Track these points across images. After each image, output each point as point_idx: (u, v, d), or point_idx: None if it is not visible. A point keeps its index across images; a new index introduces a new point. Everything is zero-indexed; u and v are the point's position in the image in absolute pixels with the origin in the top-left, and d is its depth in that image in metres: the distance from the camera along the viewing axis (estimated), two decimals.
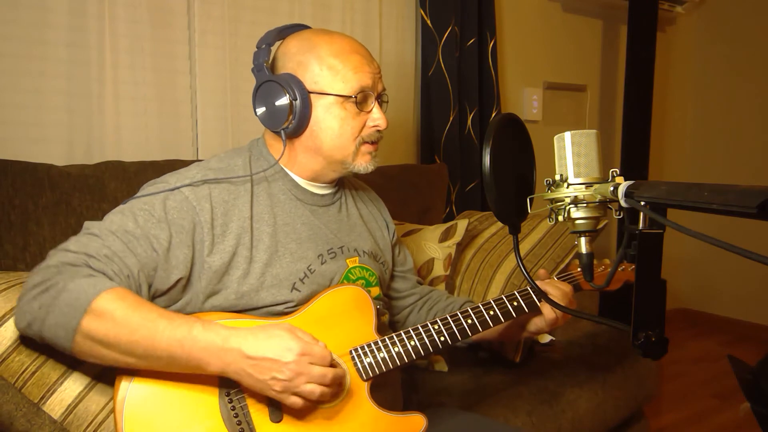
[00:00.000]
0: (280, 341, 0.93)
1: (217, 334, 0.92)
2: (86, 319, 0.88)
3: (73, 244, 0.95)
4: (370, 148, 1.15)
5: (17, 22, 1.58)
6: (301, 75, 1.10)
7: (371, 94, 1.13)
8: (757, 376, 0.57)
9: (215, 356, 0.91)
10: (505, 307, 1.17)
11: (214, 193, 1.06)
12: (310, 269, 1.12)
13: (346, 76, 1.10)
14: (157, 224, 1.00)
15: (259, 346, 0.92)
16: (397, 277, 1.38)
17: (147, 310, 0.91)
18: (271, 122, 1.12)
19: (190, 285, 1.04)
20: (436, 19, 2.28)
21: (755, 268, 3.25)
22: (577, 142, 0.75)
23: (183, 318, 0.93)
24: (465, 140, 2.40)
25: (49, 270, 0.91)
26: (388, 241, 1.33)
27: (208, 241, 1.03)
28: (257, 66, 1.13)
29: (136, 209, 1.01)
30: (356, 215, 1.27)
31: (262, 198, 1.12)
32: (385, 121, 1.14)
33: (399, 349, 1.09)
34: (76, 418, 0.98)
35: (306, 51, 1.12)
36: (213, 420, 0.96)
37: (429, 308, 1.37)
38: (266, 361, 0.91)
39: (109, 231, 0.97)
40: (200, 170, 1.09)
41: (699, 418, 2.47)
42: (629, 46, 2.89)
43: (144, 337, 0.89)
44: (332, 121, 1.11)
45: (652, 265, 0.64)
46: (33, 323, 0.90)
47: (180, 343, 0.90)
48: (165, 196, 1.03)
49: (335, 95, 1.10)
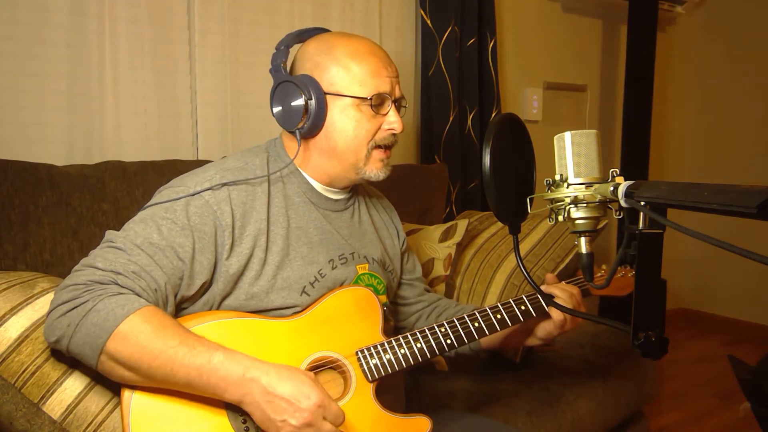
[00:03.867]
0: (300, 385, 0.91)
1: (238, 364, 0.91)
2: (112, 341, 0.89)
3: (100, 261, 0.95)
4: (382, 155, 1.14)
5: (17, 22, 1.58)
6: (318, 76, 1.10)
7: (388, 97, 1.12)
8: (757, 376, 0.57)
9: (234, 386, 0.91)
10: (513, 311, 1.17)
11: (233, 195, 1.06)
12: (321, 274, 1.12)
13: (363, 78, 1.09)
14: (181, 232, 1.00)
15: (279, 383, 0.91)
16: (404, 285, 1.37)
17: (170, 335, 0.91)
18: (286, 122, 1.12)
19: (210, 287, 1.05)
20: (436, 19, 2.28)
21: (755, 268, 3.24)
22: (577, 142, 0.75)
23: (205, 345, 0.92)
24: (465, 140, 2.40)
25: (78, 288, 0.92)
26: (397, 249, 1.33)
27: (228, 244, 1.03)
28: (275, 66, 1.13)
29: (159, 218, 1.00)
30: (368, 222, 1.26)
31: (278, 200, 1.11)
32: (401, 124, 1.13)
33: (405, 351, 1.09)
34: (76, 418, 0.98)
35: (323, 52, 1.11)
36: (218, 419, 0.96)
37: (437, 315, 1.37)
38: (283, 401, 0.90)
39: (133, 244, 0.97)
40: (218, 171, 1.08)
41: (699, 418, 2.46)
42: (629, 46, 2.88)
43: (163, 363, 0.89)
44: (347, 123, 1.10)
45: (652, 265, 0.63)
46: (62, 339, 0.91)
47: (198, 371, 0.90)
48: (186, 201, 1.03)
49: (351, 97, 1.09)
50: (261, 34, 1.96)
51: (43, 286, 1.04)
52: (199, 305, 1.05)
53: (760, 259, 0.49)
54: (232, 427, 0.96)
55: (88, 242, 1.39)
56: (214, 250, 1.03)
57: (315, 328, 1.08)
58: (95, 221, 1.43)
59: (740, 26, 3.45)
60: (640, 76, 2.88)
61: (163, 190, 1.07)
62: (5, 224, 1.32)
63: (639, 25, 2.86)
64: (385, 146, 1.14)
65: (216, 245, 1.03)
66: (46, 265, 1.34)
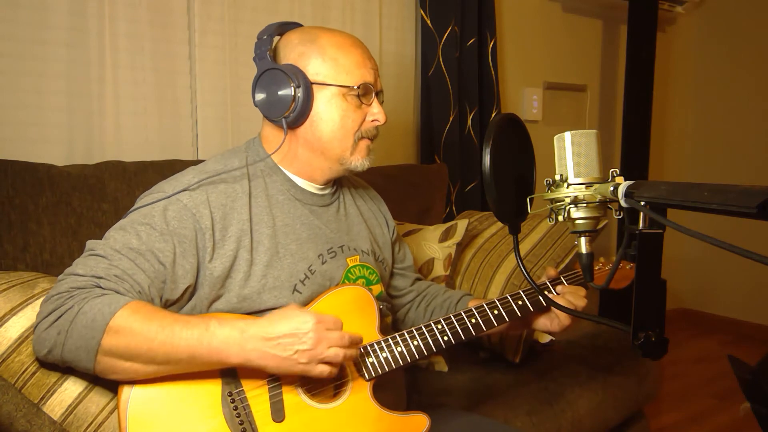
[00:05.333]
0: (294, 317, 0.95)
1: (233, 326, 0.93)
2: (106, 338, 0.89)
3: (80, 268, 0.95)
4: (367, 143, 1.15)
5: (17, 22, 1.58)
6: (303, 66, 1.10)
7: (372, 88, 1.13)
8: (757, 376, 0.57)
9: (236, 347, 0.92)
10: (510, 306, 1.17)
11: (211, 198, 1.05)
12: (311, 269, 1.11)
13: (348, 68, 1.10)
14: (160, 237, 1.00)
15: (277, 327, 0.94)
16: (396, 275, 1.37)
17: (162, 316, 0.92)
18: (271, 111, 1.10)
19: (195, 291, 1.04)
20: (436, 19, 2.28)
21: (755, 268, 3.24)
22: (577, 142, 0.75)
23: (198, 317, 0.95)
24: (465, 140, 2.40)
25: (60, 297, 0.91)
26: (388, 239, 1.33)
27: (209, 247, 1.03)
28: (259, 55, 1.12)
29: (137, 224, 1.00)
30: (355, 213, 1.26)
31: (261, 199, 1.11)
32: (384, 116, 1.14)
33: (402, 349, 1.09)
34: (76, 418, 0.98)
35: (308, 42, 1.11)
36: (216, 420, 0.96)
37: (427, 304, 1.37)
38: (286, 337, 0.93)
39: (113, 250, 0.97)
40: (196, 174, 1.08)
41: (699, 418, 2.46)
42: (629, 46, 2.89)
43: (162, 342, 0.90)
44: (333, 113, 1.10)
45: (652, 265, 0.64)
46: (53, 349, 0.90)
47: (198, 340, 0.91)
48: (164, 206, 1.02)
49: (338, 86, 1.10)
50: None
51: (43, 286, 1.04)
52: (186, 310, 1.05)
53: (760, 259, 0.49)
54: (227, 426, 0.96)
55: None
56: (195, 253, 1.02)
57: None
58: (95, 221, 1.43)
59: (740, 26, 3.45)
60: (640, 76, 2.88)
61: (143, 196, 1.07)
62: (5, 224, 1.32)
63: (639, 25, 2.86)
64: (370, 137, 1.15)
65: (197, 249, 1.02)
66: (46, 265, 1.34)
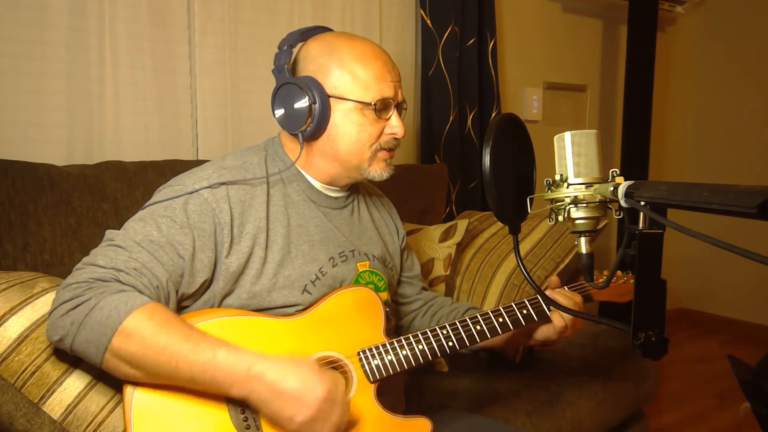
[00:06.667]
0: (307, 376, 0.91)
1: (242, 360, 0.91)
2: (117, 339, 0.88)
3: (101, 259, 0.95)
4: (386, 155, 1.15)
5: (17, 22, 1.58)
6: (321, 78, 1.09)
7: (391, 102, 1.12)
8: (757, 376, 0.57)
9: (239, 382, 0.91)
10: (515, 315, 1.17)
11: (231, 193, 1.06)
12: (322, 271, 1.12)
13: (367, 82, 1.09)
14: (180, 230, 1.00)
15: (285, 378, 0.90)
16: (403, 283, 1.38)
17: (173, 331, 0.90)
18: (289, 124, 1.11)
19: (210, 285, 1.05)
20: (436, 19, 2.28)
21: (755, 268, 3.25)
22: (577, 142, 0.75)
23: (209, 341, 0.92)
24: (465, 140, 2.40)
25: (80, 287, 0.91)
26: (397, 246, 1.33)
27: (227, 242, 1.03)
28: (278, 67, 1.12)
29: (158, 216, 1.00)
30: (368, 219, 1.27)
31: (277, 198, 1.11)
32: (402, 129, 1.13)
33: (407, 353, 1.09)
34: (76, 418, 0.98)
35: (327, 54, 1.10)
36: (220, 417, 0.96)
37: (433, 314, 1.37)
38: (290, 398, 0.90)
39: (134, 242, 0.97)
40: (216, 170, 1.08)
41: (699, 418, 2.47)
42: (629, 46, 2.88)
43: (168, 360, 0.89)
44: (350, 127, 1.10)
45: (652, 265, 0.63)
46: (65, 338, 0.90)
47: (203, 367, 0.90)
48: (185, 199, 1.03)
49: (355, 101, 1.09)
50: (261, 34, 1.96)
51: (43, 286, 1.04)
52: (199, 304, 1.05)
53: (760, 259, 0.49)
54: (232, 423, 0.96)
55: (88, 242, 1.39)
56: (214, 248, 1.03)
57: (317, 328, 1.08)
58: (95, 221, 1.43)
59: (740, 26, 3.45)
60: (640, 76, 2.88)
61: (162, 189, 1.07)
62: (5, 224, 1.32)
63: (639, 25, 2.86)
64: (388, 148, 1.15)
65: (216, 243, 1.03)
66: (46, 265, 1.34)
